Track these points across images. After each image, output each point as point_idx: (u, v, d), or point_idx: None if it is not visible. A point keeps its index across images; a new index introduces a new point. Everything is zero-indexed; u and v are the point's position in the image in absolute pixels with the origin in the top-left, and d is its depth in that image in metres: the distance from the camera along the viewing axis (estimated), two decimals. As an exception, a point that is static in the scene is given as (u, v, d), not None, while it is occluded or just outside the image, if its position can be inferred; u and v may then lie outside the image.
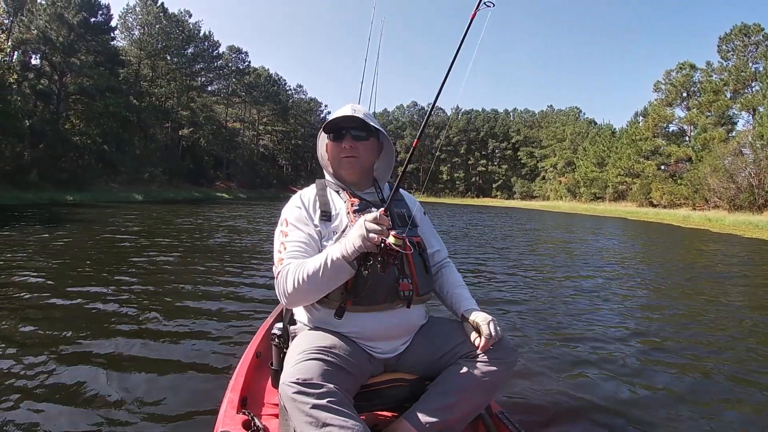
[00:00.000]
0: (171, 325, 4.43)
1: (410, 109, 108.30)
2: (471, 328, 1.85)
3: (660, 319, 5.71)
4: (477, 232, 18.69)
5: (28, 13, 35.33)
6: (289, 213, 1.90)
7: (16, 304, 4.92)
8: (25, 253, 8.08)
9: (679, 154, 51.28)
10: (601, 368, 3.79)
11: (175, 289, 6.05)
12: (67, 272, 6.81)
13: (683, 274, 9.52)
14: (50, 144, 33.54)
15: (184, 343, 3.97)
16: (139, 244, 10.41)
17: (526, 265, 9.85)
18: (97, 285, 5.94)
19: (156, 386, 3.11)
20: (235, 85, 69.88)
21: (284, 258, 1.76)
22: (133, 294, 5.63)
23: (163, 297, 5.57)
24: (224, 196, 51.79)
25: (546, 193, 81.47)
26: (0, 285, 5.76)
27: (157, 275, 6.94)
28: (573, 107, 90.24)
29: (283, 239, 1.83)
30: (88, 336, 4.03)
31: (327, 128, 1.99)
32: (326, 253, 1.66)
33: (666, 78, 55.92)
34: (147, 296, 5.57)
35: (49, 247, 9.14)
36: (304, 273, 1.66)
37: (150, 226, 15.36)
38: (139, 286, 6.03)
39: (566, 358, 4.05)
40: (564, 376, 3.59)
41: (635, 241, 18.11)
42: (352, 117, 1.92)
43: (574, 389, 3.33)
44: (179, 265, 7.91)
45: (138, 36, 53.63)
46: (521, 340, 4.46)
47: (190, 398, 2.96)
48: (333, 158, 1.99)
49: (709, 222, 30.94)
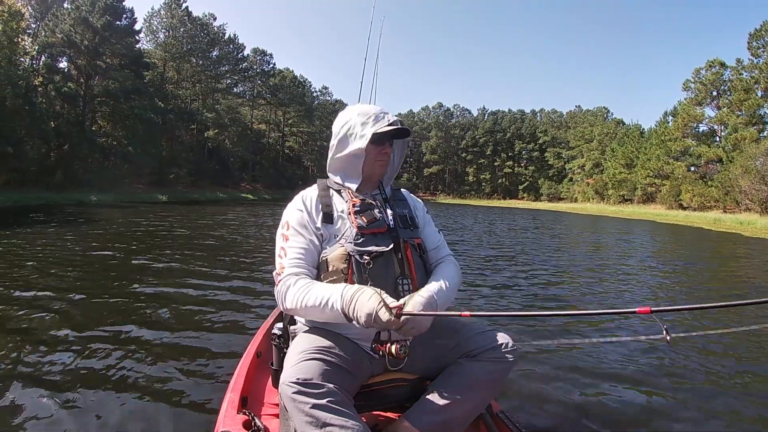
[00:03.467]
0: (171, 325, 4.48)
1: (435, 111, 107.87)
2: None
3: (665, 320, 5.46)
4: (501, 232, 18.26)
5: (53, 17, 36.12)
6: (291, 215, 1.89)
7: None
8: (26, 255, 8.14)
9: (710, 155, 49.58)
10: (602, 368, 3.80)
11: (177, 288, 6.10)
12: (71, 273, 6.86)
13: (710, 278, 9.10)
14: (75, 145, 34.26)
15: (185, 343, 4.00)
16: (147, 243, 10.64)
17: (532, 262, 9.73)
18: (99, 284, 6.05)
19: (156, 386, 3.13)
20: (260, 87, 70.60)
21: (285, 266, 1.78)
22: (134, 293, 5.70)
23: (165, 296, 5.64)
24: (249, 197, 52.32)
25: (573, 194, 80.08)
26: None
27: (161, 274, 7.06)
28: (601, 107, 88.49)
29: (283, 243, 1.84)
30: (87, 335, 4.09)
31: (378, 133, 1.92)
32: (330, 297, 1.65)
33: (695, 76, 54.02)
34: (148, 295, 5.63)
35: (54, 246, 9.30)
36: (304, 300, 1.68)
37: (166, 225, 15.70)
38: (141, 286, 6.08)
39: (567, 357, 4.05)
40: (564, 376, 3.61)
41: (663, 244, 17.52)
42: (402, 128, 1.93)
43: (574, 389, 3.36)
44: (184, 264, 7.97)
45: (163, 39, 54.63)
46: (522, 339, 4.42)
47: (191, 398, 2.98)
48: (370, 161, 1.95)
49: (741, 225, 29.89)
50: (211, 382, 3.21)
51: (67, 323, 4.41)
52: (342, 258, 1.77)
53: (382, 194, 2.01)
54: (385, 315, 1.54)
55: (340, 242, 1.81)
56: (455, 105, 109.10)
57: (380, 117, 1.92)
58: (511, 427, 1.96)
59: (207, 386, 3.13)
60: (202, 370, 3.42)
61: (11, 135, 27.34)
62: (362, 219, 1.84)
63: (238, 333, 4.27)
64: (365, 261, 1.76)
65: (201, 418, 2.72)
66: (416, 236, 1.96)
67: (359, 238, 1.80)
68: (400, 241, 1.86)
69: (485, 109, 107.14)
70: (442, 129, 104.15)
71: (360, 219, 1.83)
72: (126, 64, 41.28)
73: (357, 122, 1.93)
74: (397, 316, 1.56)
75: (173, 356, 3.66)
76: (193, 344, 3.98)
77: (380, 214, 1.89)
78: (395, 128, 1.90)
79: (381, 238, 1.83)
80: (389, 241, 1.83)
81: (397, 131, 1.93)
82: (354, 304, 1.58)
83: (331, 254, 1.79)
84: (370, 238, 1.82)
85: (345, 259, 1.77)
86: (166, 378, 3.25)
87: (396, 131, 1.93)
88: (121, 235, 12.34)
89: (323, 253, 1.82)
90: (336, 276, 1.76)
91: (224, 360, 3.58)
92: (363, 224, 1.83)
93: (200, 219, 19.30)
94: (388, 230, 1.86)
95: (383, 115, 1.92)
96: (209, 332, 4.30)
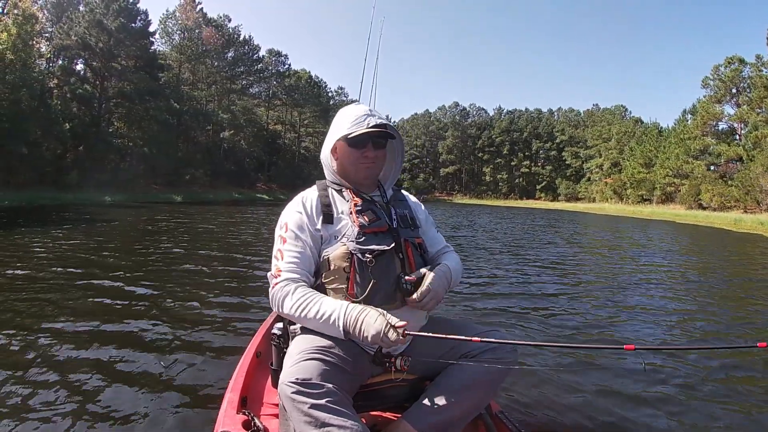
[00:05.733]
0: (171, 324, 4.47)
1: (452, 110, 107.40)
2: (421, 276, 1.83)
3: (668, 322, 5.50)
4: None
5: (68, 20, 36.69)
6: (290, 217, 1.89)
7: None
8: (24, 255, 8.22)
9: (730, 154, 48.47)
10: (602, 369, 3.82)
11: (176, 287, 6.13)
12: (74, 271, 6.91)
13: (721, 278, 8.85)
14: (90, 146, 34.74)
15: (184, 343, 4.00)
16: (150, 242, 10.85)
17: (541, 261, 9.77)
18: (100, 284, 6.07)
19: (156, 386, 3.12)
20: (276, 88, 70.98)
21: (282, 270, 1.80)
22: (135, 293, 5.71)
23: (164, 295, 5.67)
24: (264, 197, 52.64)
25: (591, 194, 79.09)
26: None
27: (161, 273, 7.10)
28: (619, 105, 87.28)
29: (281, 246, 1.85)
30: (86, 330, 4.14)
31: (350, 137, 1.91)
32: (332, 314, 1.66)
33: (714, 73, 52.76)
34: (148, 294, 5.66)
35: (61, 247, 9.44)
36: (303, 312, 1.70)
37: (173, 225, 15.94)
38: (140, 286, 6.09)
39: (567, 357, 4.05)
40: (564, 376, 3.61)
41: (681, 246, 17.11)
42: (381, 125, 1.89)
43: (574, 389, 3.36)
44: (185, 263, 8.01)
45: (178, 41, 55.13)
46: (521, 339, 4.40)
47: (190, 398, 2.98)
48: (351, 163, 1.95)
49: (762, 226, 29.09)
50: (210, 381, 3.22)
51: (65, 320, 4.43)
52: (344, 256, 1.77)
53: (383, 195, 2.01)
54: (393, 335, 1.57)
55: (342, 241, 1.81)
56: (471, 104, 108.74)
57: (361, 120, 1.89)
58: (510, 427, 1.98)
59: (206, 386, 3.15)
60: (201, 370, 3.44)
61: (27, 136, 27.84)
62: (364, 218, 1.85)
63: (237, 333, 4.29)
64: (367, 259, 1.76)
65: (200, 417, 2.72)
66: (417, 235, 1.97)
67: (361, 237, 1.80)
68: (401, 240, 1.87)
69: (501, 108, 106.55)
70: (459, 129, 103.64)
71: (362, 218, 1.84)
72: (141, 65, 41.84)
73: (340, 124, 1.94)
74: (403, 335, 1.58)
75: (173, 356, 3.67)
76: (192, 344, 3.98)
77: (381, 214, 1.90)
78: (366, 131, 1.87)
79: (382, 237, 1.84)
80: (390, 240, 1.84)
81: (384, 133, 1.92)
82: (360, 324, 1.61)
83: (332, 253, 1.80)
84: (372, 237, 1.82)
85: (347, 258, 1.77)
86: (166, 378, 3.26)
87: (381, 133, 1.91)
88: (125, 234, 12.59)
89: (325, 252, 1.82)
90: (338, 275, 1.77)
91: (224, 360, 3.60)
92: (365, 223, 1.83)
93: (208, 219, 19.42)
94: (389, 229, 1.87)
95: (365, 117, 1.89)
96: (209, 332, 4.31)
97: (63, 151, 33.26)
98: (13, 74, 27.16)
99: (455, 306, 5.69)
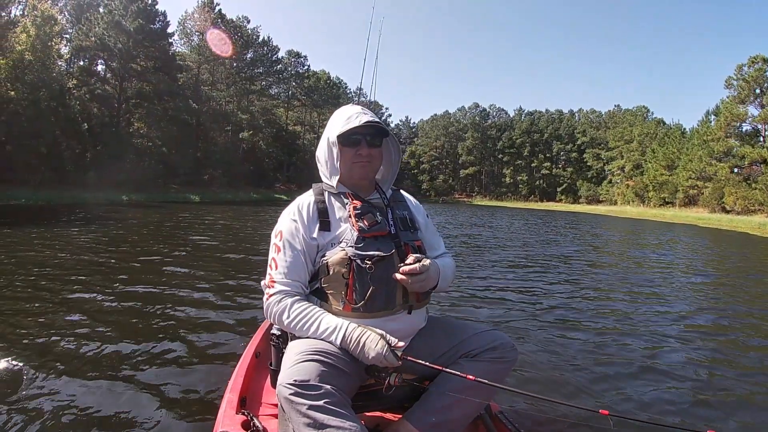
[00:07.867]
0: (170, 324, 4.49)
1: (471, 111, 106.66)
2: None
3: (669, 323, 5.48)
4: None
5: (87, 22, 37.24)
6: (284, 225, 1.88)
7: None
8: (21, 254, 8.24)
9: (754, 156, 47.26)
10: (603, 369, 3.81)
11: (177, 287, 6.12)
12: (70, 271, 6.87)
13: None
14: (108, 146, 35.16)
15: (184, 343, 3.98)
16: (156, 242, 10.88)
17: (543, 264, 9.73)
18: (101, 284, 6.06)
19: (155, 386, 3.12)
20: (295, 89, 71.30)
21: (275, 280, 1.81)
22: (134, 292, 5.72)
23: (165, 295, 5.66)
24: (282, 197, 52.82)
25: (613, 197, 77.92)
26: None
27: (161, 273, 7.10)
28: (641, 106, 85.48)
29: (275, 254, 1.85)
30: (85, 332, 4.12)
31: (342, 136, 1.89)
32: (331, 334, 1.69)
33: (738, 73, 51.47)
34: (148, 294, 5.66)
35: (74, 244, 9.63)
36: (301, 327, 1.73)
37: (184, 225, 16.04)
38: (140, 286, 6.09)
39: (567, 357, 4.06)
40: (565, 376, 3.62)
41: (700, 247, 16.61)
42: (370, 124, 1.86)
43: (574, 389, 3.37)
44: (187, 264, 7.99)
45: (197, 42, 55.57)
46: (522, 338, 4.49)
47: (190, 398, 2.99)
48: (345, 163, 1.92)
49: (787, 231, 28.32)
50: (210, 382, 3.21)
51: (66, 320, 4.44)
52: (343, 262, 1.76)
53: (382, 198, 1.99)
54: (392, 358, 1.60)
55: (341, 245, 1.79)
56: (491, 105, 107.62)
57: (353, 118, 1.88)
58: (510, 427, 1.99)
59: (206, 386, 3.15)
60: (201, 371, 3.43)
61: (46, 135, 28.26)
62: (363, 222, 1.83)
63: (237, 333, 4.29)
64: (367, 266, 1.75)
65: (200, 418, 2.72)
66: (416, 238, 1.96)
67: (360, 242, 1.79)
68: (401, 244, 1.85)
69: (522, 109, 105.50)
70: (479, 130, 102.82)
71: (361, 222, 1.82)
72: (159, 66, 42.29)
73: (333, 124, 1.93)
74: (401, 358, 1.61)
75: (172, 356, 3.67)
76: (192, 344, 3.97)
77: (381, 217, 1.87)
78: (357, 125, 1.84)
79: (382, 242, 1.82)
80: (390, 245, 1.82)
81: (377, 132, 1.91)
82: (361, 347, 1.63)
83: (331, 258, 1.78)
84: (372, 242, 1.80)
85: (346, 264, 1.76)
86: (166, 378, 3.26)
87: (374, 131, 1.89)
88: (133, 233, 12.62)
89: (324, 258, 1.80)
90: (337, 280, 1.77)
91: (223, 360, 3.61)
92: (364, 227, 1.81)
93: (217, 220, 19.49)
94: (389, 234, 1.85)
95: (357, 115, 1.88)
96: (208, 332, 4.30)
97: (82, 150, 33.75)
98: (32, 75, 27.62)
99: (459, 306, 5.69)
